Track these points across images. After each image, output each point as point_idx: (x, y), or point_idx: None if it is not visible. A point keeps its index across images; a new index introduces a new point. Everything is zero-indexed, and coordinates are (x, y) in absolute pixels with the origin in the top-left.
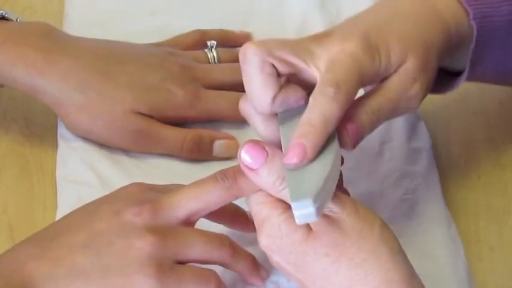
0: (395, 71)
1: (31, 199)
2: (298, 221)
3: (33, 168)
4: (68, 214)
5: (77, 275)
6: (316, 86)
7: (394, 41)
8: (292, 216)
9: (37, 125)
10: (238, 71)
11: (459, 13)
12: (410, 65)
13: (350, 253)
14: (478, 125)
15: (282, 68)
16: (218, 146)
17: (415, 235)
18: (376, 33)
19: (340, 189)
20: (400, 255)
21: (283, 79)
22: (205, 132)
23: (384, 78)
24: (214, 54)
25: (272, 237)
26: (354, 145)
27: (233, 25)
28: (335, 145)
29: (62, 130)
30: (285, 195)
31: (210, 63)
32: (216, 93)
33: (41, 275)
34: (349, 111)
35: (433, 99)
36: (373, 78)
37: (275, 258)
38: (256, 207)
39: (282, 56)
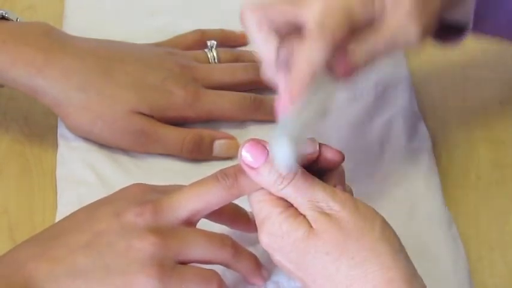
0: (392, 9)
1: (31, 199)
2: (280, 167)
3: (33, 168)
4: (69, 215)
5: (77, 275)
6: (305, 28)
7: None
8: (293, 215)
9: (37, 125)
10: (239, 71)
11: None
12: (406, 3)
13: (351, 252)
14: (478, 125)
15: (279, 20)
16: (218, 146)
17: (415, 235)
18: None
19: (343, 187)
20: (401, 254)
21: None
22: (205, 132)
23: (381, 17)
24: (214, 54)
25: (273, 236)
26: (346, 74)
27: (233, 25)
28: (325, 85)
29: (62, 130)
30: (286, 193)
31: (210, 63)
32: (216, 93)
33: (41, 275)
34: (343, 46)
35: (433, 99)
36: (368, 20)
37: (276, 256)
38: (257, 205)
39: (276, 8)
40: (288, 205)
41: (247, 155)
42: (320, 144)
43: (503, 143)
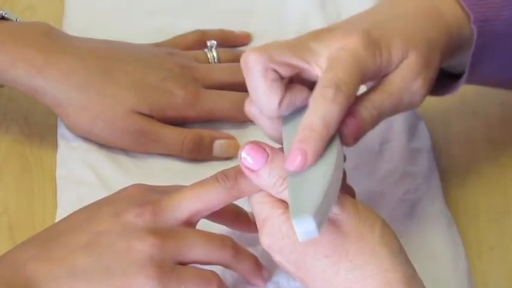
0: (396, 66)
1: (31, 199)
2: (301, 238)
3: (33, 168)
4: (69, 215)
5: (77, 276)
6: (316, 86)
7: (396, 37)
8: None
9: (37, 125)
10: (238, 71)
11: (460, 16)
12: (412, 61)
13: (350, 255)
14: (478, 125)
15: (285, 71)
16: (218, 146)
17: (415, 235)
18: (378, 30)
19: (344, 188)
20: (400, 256)
21: (286, 81)
22: (205, 132)
23: (385, 75)
24: (214, 54)
25: (273, 237)
26: (355, 140)
27: (233, 25)
28: (336, 145)
29: (62, 130)
30: (286, 196)
31: (210, 63)
32: (216, 93)
33: (41, 275)
34: (350, 106)
35: (433, 99)
36: (374, 75)
37: (277, 257)
38: (258, 207)
39: (283, 59)
40: (288, 206)
41: (246, 157)
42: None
43: (503, 143)
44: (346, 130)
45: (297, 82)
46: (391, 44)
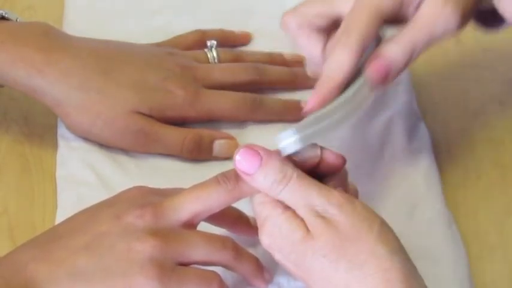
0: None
1: (31, 199)
2: (282, 150)
3: (33, 168)
4: (70, 217)
5: (78, 277)
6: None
7: None
8: (292, 216)
9: (37, 125)
10: (238, 71)
11: None
12: None
13: (348, 255)
14: (478, 125)
15: (320, 22)
16: (218, 146)
17: (415, 235)
18: None
19: (344, 188)
20: (399, 254)
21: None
22: (205, 132)
23: (412, 5)
24: (214, 54)
25: (273, 237)
26: (383, 80)
27: (233, 25)
28: (359, 84)
29: (62, 130)
30: (283, 197)
31: (210, 63)
32: (216, 93)
33: (42, 276)
34: (380, 46)
35: (433, 99)
36: (398, 13)
37: (277, 256)
38: (258, 207)
39: (314, 12)
40: (287, 207)
41: (241, 161)
42: (322, 149)
43: (503, 143)
44: (369, 71)
45: None
46: None
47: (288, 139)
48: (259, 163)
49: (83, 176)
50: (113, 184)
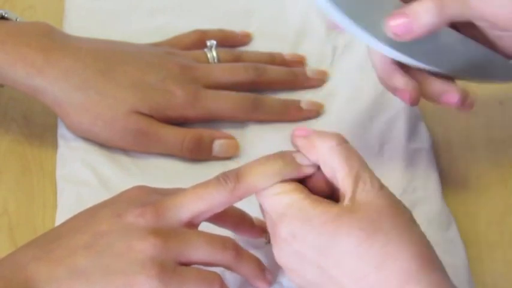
0: None
1: (31, 199)
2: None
3: (33, 168)
4: (70, 218)
5: (78, 276)
6: None
7: None
8: (318, 199)
9: (37, 125)
10: (238, 71)
11: None
12: None
13: (385, 228)
14: (478, 125)
15: None
16: (218, 145)
17: None
18: None
19: None
20: (426, 238)
21: None
22: (205, 132)
23: None
24: (214, 54)
25: (299, 222)
26: (402, 35)
27: (233, 25)
28: None
29: (62, 130)
30: (339, 157)
31: (209, 63)
32: (216, 93)
33: (42, 276)
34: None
35: None
36: None
37: (296, 245)
38: (275, 198)
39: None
40: (308, 192)
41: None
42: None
43: (503, 143)
44: (389, 21)
45: None
46: None
47: None
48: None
49: (83, 176)
50: (113, 184)
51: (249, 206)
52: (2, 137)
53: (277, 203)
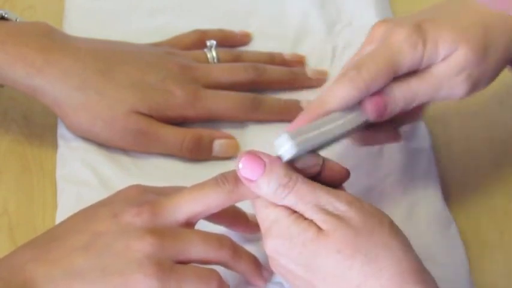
0: (443, 59)
1: (31, 199)
2: (282, 157)
3: (33, 168)
4: (68, 218)
5: (75, 276)
6: None
7: (447, 31)
8: (300, 217)
9: (37, 125)
10: (238, 71)
11: None
12: (461, 55)
13: (363, 248)
14: (478, 125)
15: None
16: (218, 145)
17: (415, 235)
18: (431, 22)
19: (339, 170)
20: (410, 247)
21: None
22: (204, 131)
23: (430, 64)
24: (214, 54)
25: (281, 239)
26: (378, 116)
27: (233, 25)
28: (355, 110)
29: (62, 130)
30: (289, 202)
31: (209, 63)
32: (216, 93)
33: (40, 276)
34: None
35: None
36: (415, 66)
37: (282, 261)
38: (264, 210)
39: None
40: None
41: (244, 168)
42: (325, 160)
43: (503, 143)
44: (369, 104)
45: None
46: (440, 37)
47: (284, 145)
48: (263, 169)
49: (83, 176)
50: (113, 184)
51: (243, 202)
52: (2, 137)
53: (264, 217)
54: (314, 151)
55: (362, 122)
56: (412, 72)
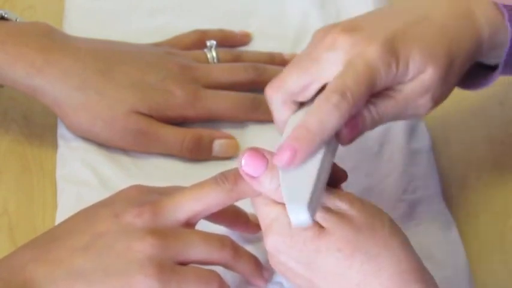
0: (411, 79)
1: (31, 199)
2: (294, 224)
3: (33, 168)
4: (68, 218)
5: (76, 277)
6: (325, 89)
7: (417, 50)
8: None
9: (37, 125)
10: (238, 71)
11: (495, 16)
12: (427, 76)
13: (363, 247)
14: (478, 125)
15: (306, 95)
16: (218, 145)
17: (415, 236)
18: (401, 38)
19: (337, 171)
20: (410, 246)
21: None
22: (204, 131)
23: (398, 83)
24: (214, 54)
25: (282, 237)
26: (350, 140)
27: (233, 25)
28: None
29: (62, 130)
30: None
31: (209, 63)
32: (216, 93)
33: (40, 277)
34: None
35: None
36: (387, 85)
37: (282, 258)
38: (264, 208)
39: (296, 83)
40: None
41: (246, 165)
42: None
43: (503, 143)
44: (344, 131)
45: None
46: (410, 57)
47: (299, 217)
48: (265, 166)
49: (83, 176)
50: (113, 184)
51: (243, 202)
52: (2, 137)
53: (265, 215)
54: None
55: (335, 150)
56: (378, 92)
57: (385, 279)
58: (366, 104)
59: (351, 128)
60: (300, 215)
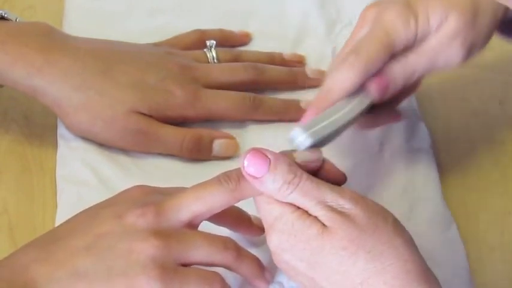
0: (436, 30)
1: (31, 199)
2: (298, 147)
3: (33, 168)
4: (70, 218)
5: (79, 278)
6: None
7: (435, 1)
8: (305, 214)
9: (37, 125)
10: (238, 71)
11: None
12: (452, 23)
13: (367, 246)
14: (478, 125)
15: None
16: (218, 145)
17: (415, 235)
18: None
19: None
20: (414, 246)
21: None
22: (204, 131)
23: (424, 37)
24: (214, 54)
25: (285, 235)
26: (382, 96)
27: (233, 25)
28: (358, 99)
29: (62, 130)
30: (293, 199)
31: (209, 63)
32: (216, 93)
33: (43, 277)
34: (386, 64)
35: (433, 99)
36: (410, 42)
37: (285, 257)
38: (267, 207)
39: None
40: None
41: (249, 166)
42: (325, 161)
43: (503, 143)
44: (371, 86)
45: None
46: (429, 10)
47: (298, 137)
48: (268, 166)
49: (83, 176)
50: (113, 184)
51: (247, 205)
52: (2, 137)
53: (268, 213)
54: (325, 143)
55: (366, 105)
56: (408, 48)
57: (390, 278)
58: (396, 61)
59: (378, 84)
60: (299, 137)
